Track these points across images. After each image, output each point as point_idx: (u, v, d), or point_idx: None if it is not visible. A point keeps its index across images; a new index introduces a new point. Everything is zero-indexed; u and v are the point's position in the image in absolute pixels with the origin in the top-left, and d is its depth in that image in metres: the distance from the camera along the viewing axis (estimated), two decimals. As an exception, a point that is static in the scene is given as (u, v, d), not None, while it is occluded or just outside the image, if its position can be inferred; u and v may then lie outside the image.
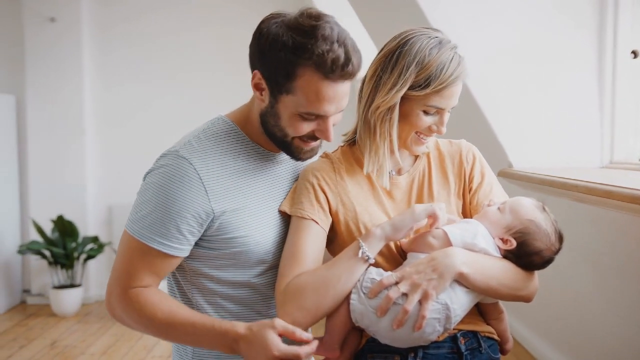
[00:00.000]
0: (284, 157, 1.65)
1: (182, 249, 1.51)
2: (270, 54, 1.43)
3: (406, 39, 1.51)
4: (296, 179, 1.66)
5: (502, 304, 1.63)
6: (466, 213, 1.62)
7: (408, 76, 1.47)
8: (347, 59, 1.42)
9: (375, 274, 1.46)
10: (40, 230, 5.47)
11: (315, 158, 1.67)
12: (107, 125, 5.96)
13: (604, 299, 2.90)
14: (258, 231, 1.55)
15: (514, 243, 1.50)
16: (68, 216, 5.60)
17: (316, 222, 1.53)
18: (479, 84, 3.05)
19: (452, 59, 1.49)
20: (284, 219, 1.61)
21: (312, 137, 1.53)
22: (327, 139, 1.52)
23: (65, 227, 5.49)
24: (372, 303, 1.43)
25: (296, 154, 1.56)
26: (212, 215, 1.49)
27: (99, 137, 5.96)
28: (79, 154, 5.82)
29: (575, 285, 3.22)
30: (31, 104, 5.76)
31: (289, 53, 1.41)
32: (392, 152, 1.55)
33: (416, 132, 1.55)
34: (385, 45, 1.55)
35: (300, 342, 1.42)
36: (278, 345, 1.38)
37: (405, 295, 1.41)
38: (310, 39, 1.40)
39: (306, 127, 1.49)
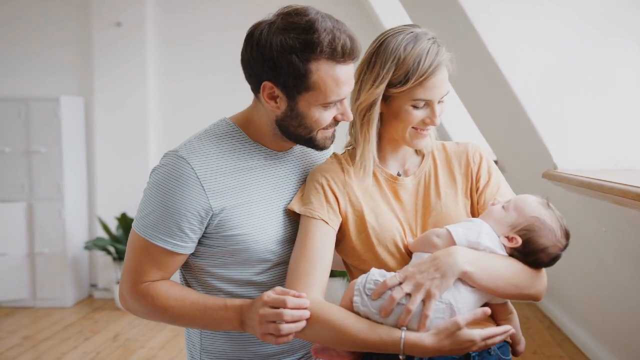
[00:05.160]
0: (289, 157, 1.69)
1: (185, 246, 1.56)
2: (280, 60, 1.47)
3: (382, 39, 1.55)
4: (303, 179, 1.69)
5: (516, 307, 1.62)
6: (474, 212, 1.62)
7: (385, 73, 1.51)
8: (352, 41, 1.50)
9: (378, 275, 1.47)
10: (105, 228, 5.69)
11: (326, 155, 1.73)
12: (170, 125, 6.13)
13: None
14: (258, 229, 1.58)
15: (519, 241, 1.49)
16: (132, 214, 5.78)
17: (326, 222, 1.55)
18: (522, 84, 3.01)
19: (429, 50, 1.51)
20: (289, 218, 1.63)
21: (332, 123, 1.58)
22: (349, 118, 1.58)
23: (128, 225, 5.67)
24: (375, 304, 1.44)
25: (321, 144, 1.61)
26: (211, 213, 1.54)
27: (162, 138, 6.13)
28: (143, 153, 6.02)
29: (625, 288, 3.15)
30: (98, 105, 6.00)
31: (300, 53, 1.46)
32: (372, 151, 1.59)
33: (413, 127, 1.57)
34: (367, 50, 1.58)
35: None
36: (269, 294, 1.44)
37: (408, 295, 1.42)
38: (313, 33, 1.46)
39: (329, 115, 1.55)
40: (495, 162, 4.29)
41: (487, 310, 1.44)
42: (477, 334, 1.41)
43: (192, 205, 1.52)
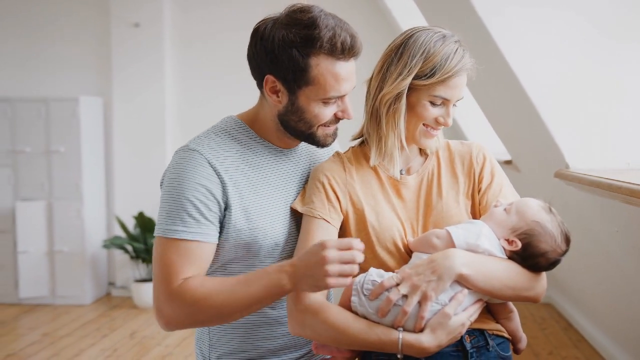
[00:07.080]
0: (295, 153, 1.71)
1: (204, 234, 1.52)
2: (281, 54, 1.51)
3: (411, 33, 1.57)
4: (308, 176, 1.70)
5: (514, 304, 1.62)
6: (475, 213, 1.62)
7: (414, 65, 1.52)
8: (353, 38, 1.53)
9: (376, 275, 1.48)
10: (123, 226, 5.74)
11: (330, 151, 1.74)
12: (187, 124, 6.18)
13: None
14: (266, 223, 1.60)
15: (519, 244, 1.49)
16: (149, 213, 5.84)
17: (327, 221, 1.56)
18: (534, 83, 3.00)
19: (456, 51, 1.53)
20: (294, 215, 1.65)
21: (333, 120, 1.61)
22: (350, 116, 1.61)
23: (145, 223, 5.74)
24: (372, 305, 1.45)
25: (322, 141, 1.63)
26: (225, 199, 1.54)
27: (180, 137, 6.17)
28: (160, 152, 6.07)
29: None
30: (117, 105, 6.07)
31: (300, 47, 1.50)
32: (400, 143, 1.58)
33: (424, 125, 1.57)
34: (391, 43, 1.60)
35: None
36: (331, 240, 1.39)
37: (405, 296, 1.43)
38: (314, 29, 1.49)
39: (329, 112, 1.58)
40: (510, 162, 4.28)
41: (465, 291, 1.45)
42: (464, 315, 1.46)
43: (205, 183, 1.52)
